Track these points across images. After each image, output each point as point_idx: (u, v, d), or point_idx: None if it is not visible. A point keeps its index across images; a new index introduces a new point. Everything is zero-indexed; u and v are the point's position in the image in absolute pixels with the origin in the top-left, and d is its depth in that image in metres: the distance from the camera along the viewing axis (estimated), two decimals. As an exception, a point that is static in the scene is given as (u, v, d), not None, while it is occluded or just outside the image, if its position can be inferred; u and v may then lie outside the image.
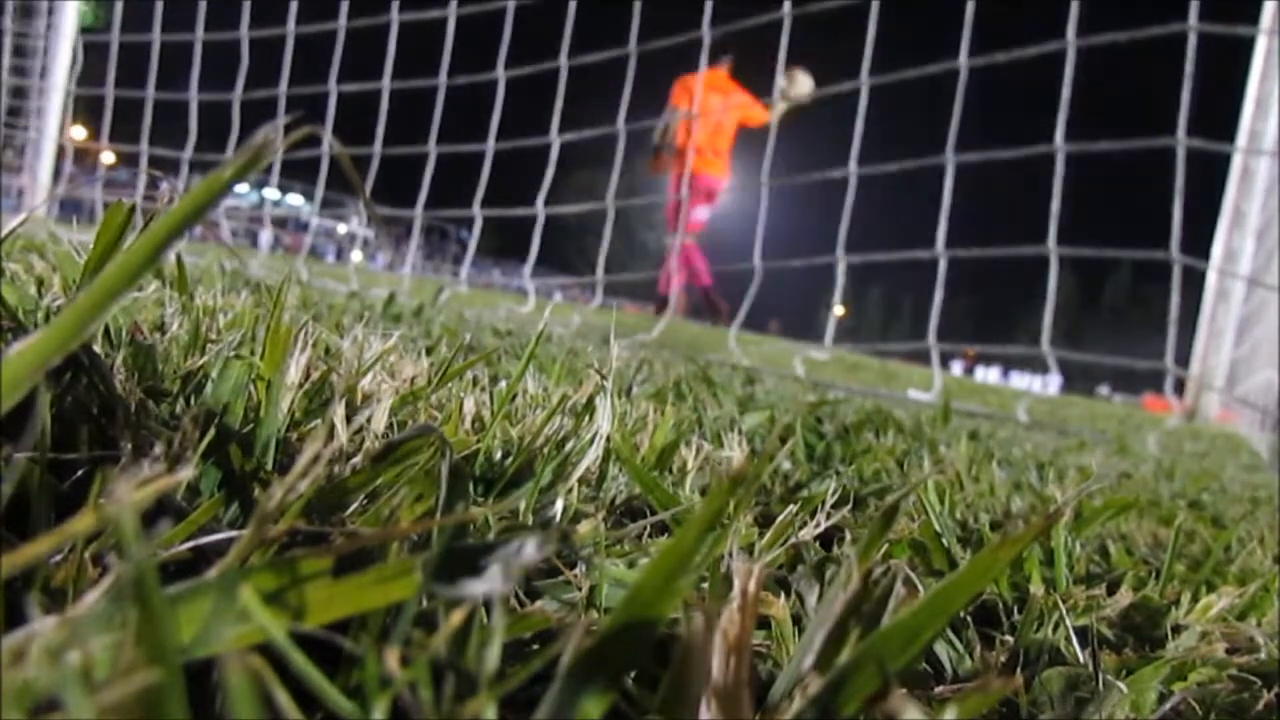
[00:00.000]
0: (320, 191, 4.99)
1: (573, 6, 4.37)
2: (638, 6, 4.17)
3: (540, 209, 4.48)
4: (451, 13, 4.55)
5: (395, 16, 4.64)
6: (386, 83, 4.66)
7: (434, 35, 4.62)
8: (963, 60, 3.54)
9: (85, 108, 6.09)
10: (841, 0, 3.78)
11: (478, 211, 4.68)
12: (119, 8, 5.56)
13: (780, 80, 4.89)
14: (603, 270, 4.63)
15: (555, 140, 4.41)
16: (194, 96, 5.07)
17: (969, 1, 3.48)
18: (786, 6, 3.93)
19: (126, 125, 5.46)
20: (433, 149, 4.64)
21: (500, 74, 4.50)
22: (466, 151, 4.63)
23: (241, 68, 4.91)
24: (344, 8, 4.75)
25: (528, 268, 4.95)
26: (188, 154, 5.08)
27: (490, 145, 4.57)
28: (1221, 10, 3.20)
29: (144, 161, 5.33)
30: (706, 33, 4.12)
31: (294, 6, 4.84)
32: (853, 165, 3.87)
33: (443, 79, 4.64)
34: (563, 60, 4.38)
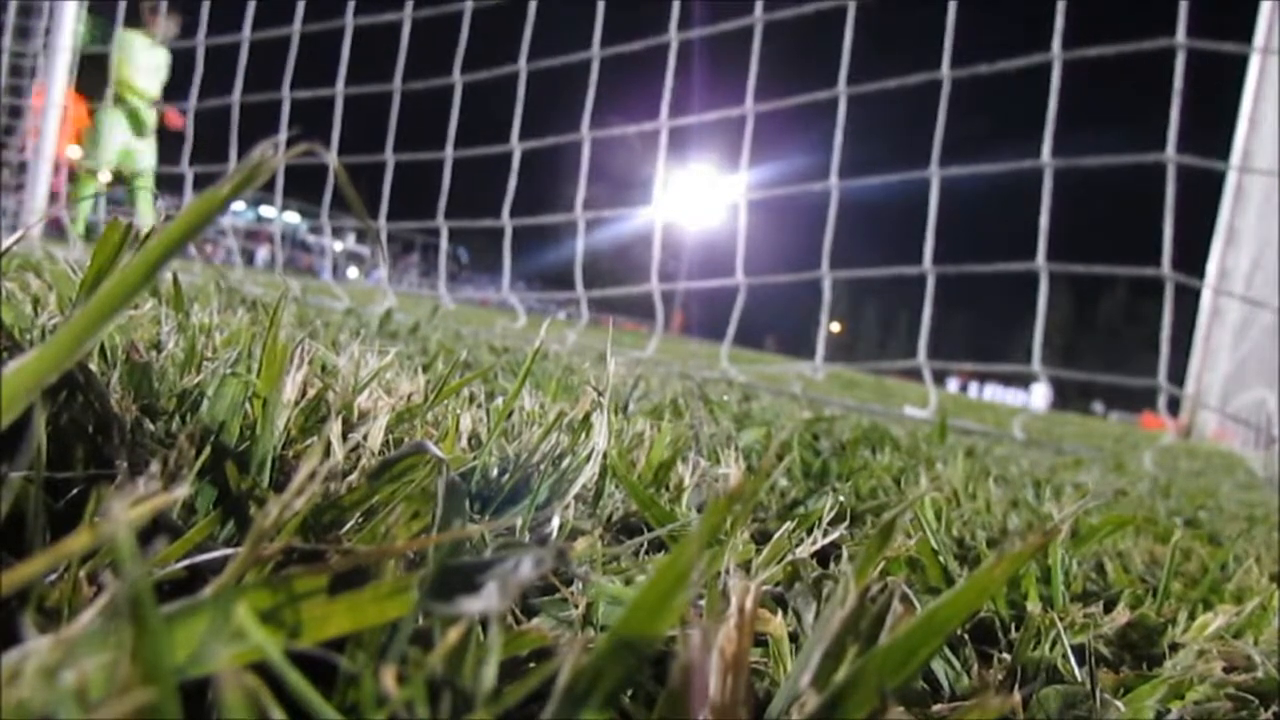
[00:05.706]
0: (279, 196, 5.02)
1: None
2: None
3: (507, 220, 4.48)
4: (406, 16, 4.60)
5: (349, 20, 4.70)
6: (340, 87, 4.70)
7: (389, 42, 4.67)
8: (945, 71, 3.55)
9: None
10: (816, 4, 3.78)
11: (442, 222, 4.69)
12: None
13: None
14: (582, 285, 4.58)
15: (516, 148, 4.41)
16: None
17: (950, 8, 3.48)
18: (758, 11, 3.93)
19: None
20: (390, 157, 4.67)
21: (457, 78, 4.51)
22: (428, 162, 4.67)
23: (195, 76, 4.98)
24: (298, 9, 4.82)
25: (505, 280, 4.94)
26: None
27: (449, 154, 4.59)
28: (1217, 24, 3.22)
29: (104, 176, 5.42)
30: (674, 36, 4.13)
31: (249, 10, 4.91)
32: (834, 179, 3.88)
33: (397, 83, 4.67)
34: (522, 64, 4.40)
